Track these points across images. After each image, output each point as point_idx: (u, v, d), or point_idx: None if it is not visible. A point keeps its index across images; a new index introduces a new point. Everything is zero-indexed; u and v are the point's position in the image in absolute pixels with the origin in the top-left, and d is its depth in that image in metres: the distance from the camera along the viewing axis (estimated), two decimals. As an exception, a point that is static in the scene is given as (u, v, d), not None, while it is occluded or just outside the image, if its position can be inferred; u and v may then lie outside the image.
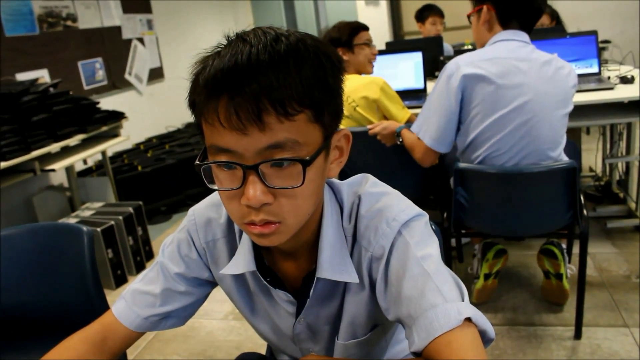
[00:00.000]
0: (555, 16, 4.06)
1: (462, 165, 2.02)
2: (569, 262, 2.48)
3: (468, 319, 0.69)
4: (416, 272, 0.74)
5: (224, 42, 0.72)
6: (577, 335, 2.15)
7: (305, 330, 0.93)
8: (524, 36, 1.99)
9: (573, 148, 2.41)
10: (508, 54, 1.95)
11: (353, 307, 0.88)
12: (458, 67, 1.98)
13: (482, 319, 0.71)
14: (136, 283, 0.96)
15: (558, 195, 2.00)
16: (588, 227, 2.06)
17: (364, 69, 2.60)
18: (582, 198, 2.05)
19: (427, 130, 2.08)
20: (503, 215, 2.11)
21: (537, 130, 1.94)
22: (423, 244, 0.78)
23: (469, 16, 2.11)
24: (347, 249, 0.84)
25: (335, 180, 0.89)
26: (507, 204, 2.08)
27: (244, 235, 0.87)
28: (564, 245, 2.36)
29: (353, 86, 2.44)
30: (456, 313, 0.69)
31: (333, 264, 0.83)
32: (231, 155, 0.69)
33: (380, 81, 2.45)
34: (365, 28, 2.60)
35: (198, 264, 0.94)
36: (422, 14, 4.62)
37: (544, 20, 3.99)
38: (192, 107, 0.72)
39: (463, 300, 0.72)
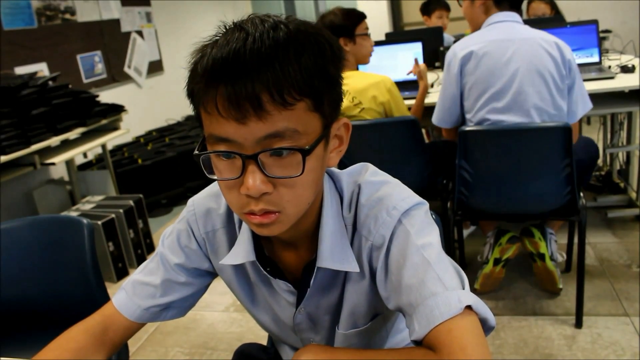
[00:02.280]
0: (554, 6, 4.04)
1: (466, 127, 2.09)
2: (566, 250, 2.51)
3: (469, 307, 0.69)
4: (416, 260, 0.74)
5: (222, 30, 0.71)
6: (578, 324, 2.16)
7: (305, 320, 0.93)
8: (515, 16, 2.14)
9: (589, 144, 2.49)
10: (501, 35, 2.10)
11: (353, 297, 0.88)
12: (455, 54, 2.17)
13: (483, 307, 0.71)
14: (136, 274, 0.96)
15: (555, 162, 2.03)
16: (586, 206, 2.11)
17: (364, 60, 2.50)
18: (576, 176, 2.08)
19: (437, 113, 2.33)
20: (504, 187, 2.16)
21: (528, 102, 2.06)
22: (423, 232, 0.78)
23: None
24: (348, 238, 0.84)
25: (335, 170, 0.88)
26: (507, 173, 2.13)
27: (244, 225, 0.86)
28: (550, 230, 2.41)
29: (359, 87, 2.33)
30: (457, 301, 0.69)
31: (333, 253, 0.82)
32: (230, 144, 0.68)
33: (388, 82, 2.36)
34: (364, 16, 2.51)
35: (198, 255, 0.94)
36: (429, 7, 4.55)
37: (546, 10, 3.97)
38: (191, 96, 0.72)
39: (464, 289, 0.72)
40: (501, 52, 2.06)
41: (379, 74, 2.43)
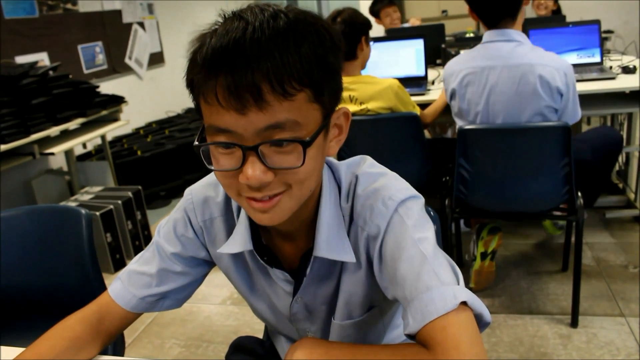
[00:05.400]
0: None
1: (465, 126, 2.08)
2: (563, 250, 2.56)
3: (464, 303, 0.69)
4: (412, 253, 0.74)
5: (221, 19, 0.71)
6: (574, 323, 2.17)
7: (302, 310, 0.94)
8: (508, 33, 2.05)
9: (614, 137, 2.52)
10: (485, 60, 2.08)
11: (349, 287, 0.88)
12: (451, 74, 2.21)
13: (478, 303, 0.70)
14: (132, 264, 0.96)
15: (554, 161, 2.04)
16: (583, 206, 2.12)
17: (364, 65, 2.47)
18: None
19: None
20: (502, 186, 2.16)
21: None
22: (420, 226, 0.78)
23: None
24: (345, 228, 0.84)
25: (334, 161, 0.88)
26: (506, 172, 2.13)
27: (242, 214, 0.86)
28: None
29: (368, 93, 2.32)
30: (452, 296, 0.69)
31: (330, 243, 0.83)
32: (230, 135, 0.68)
33: (395, 85, 2.34)
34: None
35: (194, 244, 0.94)
36: (374, 9, 4.50)
37: (549, 2, 3.98)
38: (190, 87, 0.71)
39: (459, 284, 0.72)
40: (481, 80, 2.08)
41: (381, 69, 2.42)
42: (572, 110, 2.09)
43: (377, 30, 4.09)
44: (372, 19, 4.42)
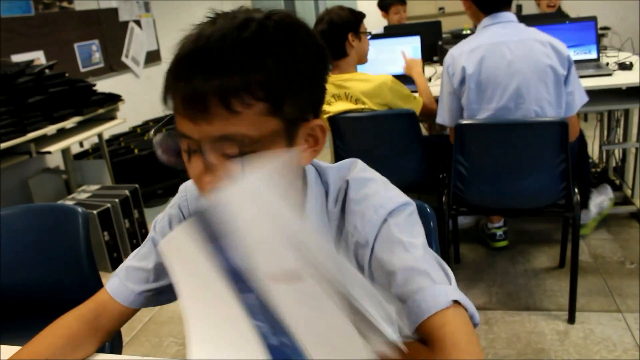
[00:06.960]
0: None
1: (462, 121, 2.09)
2: (560, 246, 2.58)
3: (456, 302, 0.69)
4: (403, 257, 0.74)
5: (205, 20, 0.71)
6: (571, 320, 2.17)
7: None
8: (507, 15, 2.16)
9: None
10: (494, 38, 2.13)
11: None
12: (454, 59, 2.20)
13: (470, 304, 0.71)
14: (129, 260, 0.96)
15: (551, 157, 2.05)
16: (579, 203, 2.12)
17: (364, 59, 2.47)
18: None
19: (444, 115, 2.31)
20: (499, 182, 2.17)
21: (527, 103, 2.10)
22: (408, 231, 0.78)
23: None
24: (332, 233, 0.84)
25: (323, 163, 0.88)
26: (503, 167, 2.14)
27: None
28: None
29: (361, 90, 2.31)
30: (444, 294, 0.69)
31: None
32: (191, 141, 0.69)
33: (389, 81, 2.32)
34: (365, 15, 2.47)
35: None
36: (383, 3, 4.52)
37: (556, 1, 3.98)
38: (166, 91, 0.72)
39: (450, 284, 0.73)
40: (497, 53, 2.10)
41: (378, 67, 2.41)
42: (577, 87, 2.18)
43: (376, 27, 4.07)
44: (379, 13, 4.49)
